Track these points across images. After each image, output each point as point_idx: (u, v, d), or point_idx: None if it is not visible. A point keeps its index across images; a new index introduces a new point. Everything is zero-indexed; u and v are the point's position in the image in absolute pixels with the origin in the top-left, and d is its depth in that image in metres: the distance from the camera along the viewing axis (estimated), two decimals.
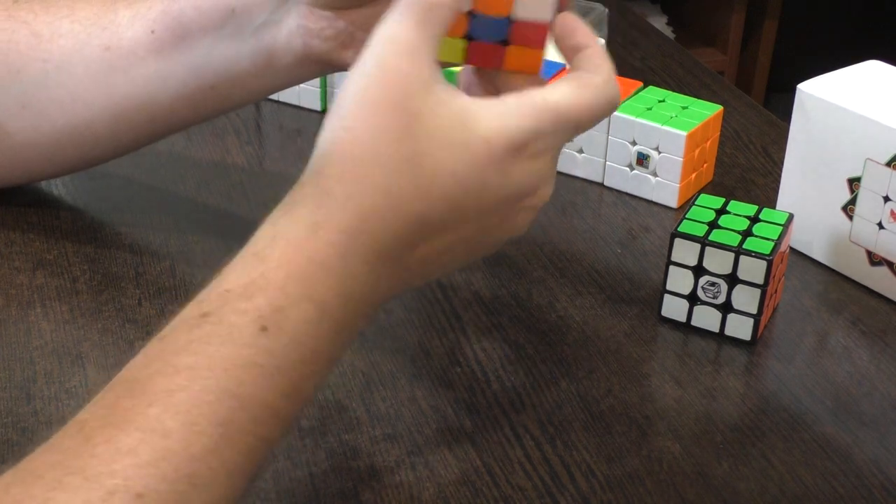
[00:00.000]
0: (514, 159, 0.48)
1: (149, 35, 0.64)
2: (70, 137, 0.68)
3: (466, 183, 0.47)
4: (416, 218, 0.46)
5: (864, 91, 0.69)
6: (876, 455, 0.58)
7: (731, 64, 2.37)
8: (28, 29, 0.66)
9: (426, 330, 0.65)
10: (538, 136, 0.48)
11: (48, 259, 0.68)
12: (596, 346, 0.64)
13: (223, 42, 0.63)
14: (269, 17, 0.61)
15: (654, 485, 0.55)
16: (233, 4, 0.62)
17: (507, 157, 0.47)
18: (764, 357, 0.64)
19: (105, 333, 0.63)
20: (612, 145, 0.79)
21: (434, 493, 0.54)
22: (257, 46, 0.62)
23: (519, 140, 0.48)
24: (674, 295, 0.65)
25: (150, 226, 0.72)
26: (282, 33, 0.61)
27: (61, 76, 0.66)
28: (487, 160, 0.47)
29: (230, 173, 0.80)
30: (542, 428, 0.58)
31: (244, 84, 0.64)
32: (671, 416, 0.59)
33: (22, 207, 0.73)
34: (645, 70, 1.01)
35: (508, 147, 0.47)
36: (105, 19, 0.65)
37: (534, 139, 0.48)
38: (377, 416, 0.58)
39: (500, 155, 0.47)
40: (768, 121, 0.92)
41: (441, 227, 0.47)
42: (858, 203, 0.69)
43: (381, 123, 0.46)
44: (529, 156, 0.48)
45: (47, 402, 0.57)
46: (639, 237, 0.75)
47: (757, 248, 0.63)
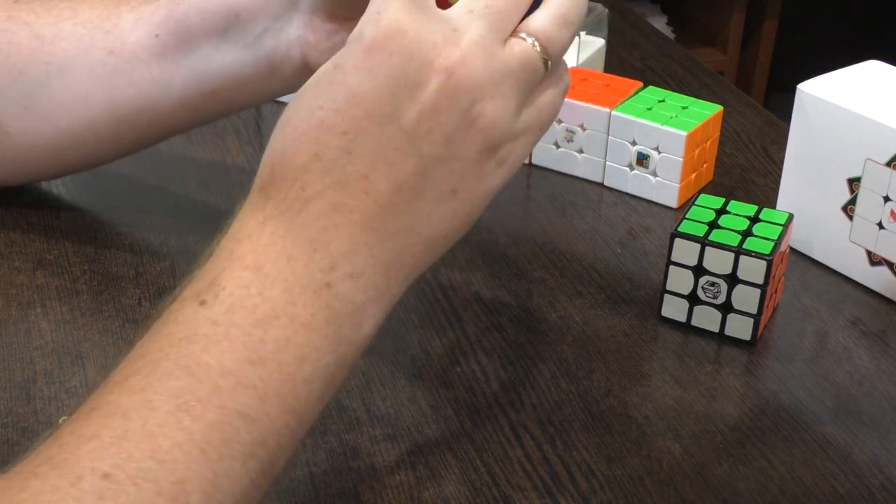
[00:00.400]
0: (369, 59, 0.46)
1: (152, 39, 0.64)
2: (71, 139, 0.68)
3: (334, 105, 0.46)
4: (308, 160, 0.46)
5: (864, 91, 0.69)
6: (876, 455, 0.58)
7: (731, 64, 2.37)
8: (30, 31, 0.67)
9: (426, 330, 0.65)
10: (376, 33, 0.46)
11: (48, 259, 0.68)
12: (596, 346, 0.64)
13: (226, 47, 0.63)
14: (272, 25, 0.62)
15: (654, 485, 0.55)
16: (237, 10, 0.62)
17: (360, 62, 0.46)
18: (764, 357, 0.64)
19: (105, 333, 0.63)
20: (612, 145, 0.79)
21: (434, 493, 0.54)
22: (259, 53, 0.62)
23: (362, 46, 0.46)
24: (674, 295, 0.65)
25: (150, 226, 0.73)
26: (283, 42, 0.62)
27: (63, 79, 0.66)
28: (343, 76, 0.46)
29: (230, 173, 0.80)
30: (542, 428, 0.58)
31: (246, 89, 0.64)
32: (671, 416, 0.59)
33: (22, 207, 0.73)
34: (645, 70, 1.01)
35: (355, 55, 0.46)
36: (108, 22, 0.65)
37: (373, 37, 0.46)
38: (377, 416, 0.58)
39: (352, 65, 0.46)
40: (768, 121, 0.92)
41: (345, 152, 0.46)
42: (858, 203, 0.69)
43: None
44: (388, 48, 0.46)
45: (47, 402, 0.58)
46: (639, 237, 0.75)
47: (757, 248, 0.63)
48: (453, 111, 0.47)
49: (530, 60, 0.49)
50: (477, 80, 0.47)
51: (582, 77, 0.83)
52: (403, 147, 0.47)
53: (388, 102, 0.46)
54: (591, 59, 0.91)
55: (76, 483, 0.40)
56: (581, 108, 0.80)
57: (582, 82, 0.82)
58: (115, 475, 0.40)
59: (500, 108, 0.48)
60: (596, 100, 0.80)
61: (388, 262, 0.47)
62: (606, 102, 0.79)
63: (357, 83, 0.46)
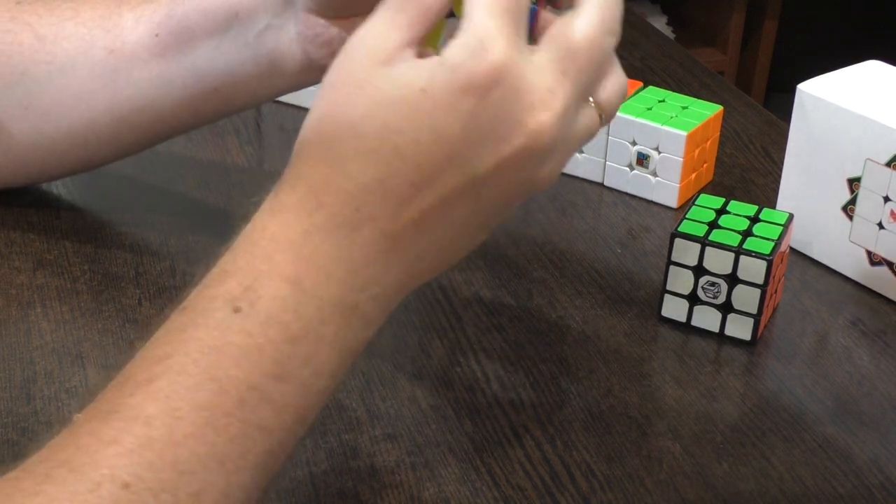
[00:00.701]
0: (465, 99, 0.45)
1: (152, 38, 0.64)
2: (72, 139, 0.68)
3: (419, 137, 0.45)
4: (372, 183, 0.45)
5: (864, 91, 0.69)
6: (876, 455, 0.58)
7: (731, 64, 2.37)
8: (32, 31, 0.67)
9: (426, 330, 0.65)
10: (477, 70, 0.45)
11: (48, 259, 0.68)
12: (596, 346, 0.64)
13: (226, 46, 0.63)
14: (272, 23, 0.62)
15: (654, 485, 0.55)
16: (236, 8, 0.62)
17: (454, 100, 0.45)
18: (764, 357, 0.64)
19: (105, 333, 0.63)
20: (612, 145, 0.79)
21: (434, 493, 0.54)
22: (260, 51, 0.62)
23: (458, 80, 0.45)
24: (674, 295, 0.65)
25: (150, 226, 0.73)
26: (283, 39, 0.62)
27: (64, 78, 0.66)
28: (431, 107, 0.44)
29: (230, 173, 0.80)
30: (542, 428, 0.58)
31: (247, 88, 0.64)
32: (671, 416, 0.59)
33: (22, 207, 0.73)
34: (645, 70, 1.01)
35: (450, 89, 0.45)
36: (109, 22, 0.65)
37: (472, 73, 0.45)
38: (377, 416, 0.58)
39: (444, 99, 0.45)
40: (768, 121, 0.92)
41: (413, 186, 0.45)
42: (858, 203, 0.69)
43: (325, 102, 0.46)
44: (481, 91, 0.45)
45: (47, 402, 0.58)
46: (639, 237, 0.75)
47: (757, 248, 0.63)
48: (525, 168, 0.47)
49: (593, 130, 0.50)
50: (554, 146, 0.47)
51: None
52: (467, 191, 0.46)
53: (470, 149, 0.45)
54: None
55: (95, 490, 0.39)
56: None
57: None
58: (135, 485, 0.40)
59: (556, 168, 0.49)
60: None
61: (406, 283, 0.47)
62: None
63: (446, 123, 0.45)
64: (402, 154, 0.45)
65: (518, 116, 0.45)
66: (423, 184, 0.45)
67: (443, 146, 0.45)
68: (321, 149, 0.46)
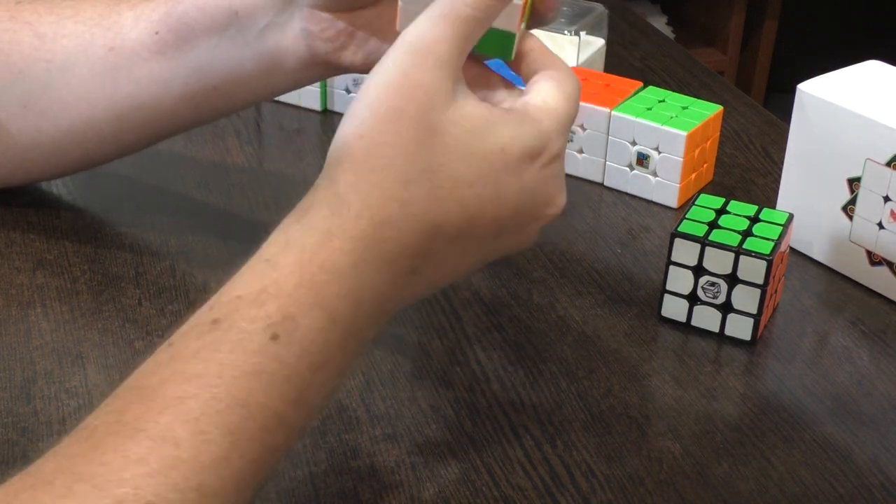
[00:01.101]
0: (529, 166, 0.49)
1: (152, 36, 0.64)
2: (72, 138, 0.68)
3: (482, 192, 0.48)
4: (430, 228, 0.47)
5: (864, 91, 0.69)
6: (876, 455, 0.58)
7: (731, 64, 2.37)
8: (31, 30, 0.66)
9: (426, 330, 0.65)
10: (548, 138, 0.49)
11: (48, 259, 0.68)
12: (596, 346, 0.64)
13: (226, 44, 0.63)
14: (273, 20, 0.61)
15: (654, 485, 0.55)
16: (236, 7, 0.62)
17: (522, 165, 0.48)
18: (764, 357, 0.64)
19: (105, 333, 0.63)
20: (612, 145, 0.79)
21: (434, 493, 0.54)
22: (261, 49, 0.62)
23: (532, 146, 0.49)
24: (674, 295, 0.65)
25: (150, 226, 0.73)
26: (286, 37, 0.61)
27: (64, 77, 0.66)
28: (503, 169, 0.48)
29: (230, 173, 0.80)
30: (542, 428, 0.58)
31: (248, 86, 0.64)
32: (671, 416, 0.59)
33: (22, 207, 0.73)
34: (645, 70, 1.01)
35: (523, 154, 0.48)
36: (109, 20, 0.65)
37: (544, 144, 0.49)
38: (377, 416, 0.58)
39: (515, 163, 0.48)
40: (768, 121, 0.92)
41: (455, 236, 0.48)
42: (858, 203, 0.69)
43: (399, 134, 0.46)
44: (543, 162, 0.49)
45: (47, 402, 0.57)
46: (639, 237, 0.75)
47: (757, 248, 0.63)
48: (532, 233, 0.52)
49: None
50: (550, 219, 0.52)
51: (582, 77, 0.83)
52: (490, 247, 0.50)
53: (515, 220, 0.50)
54: (591, 59, 0.91)
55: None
56: (581, 108, 0.79)
57: (582, 82, 0.82)
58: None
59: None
60: (596, 100, 0.80)
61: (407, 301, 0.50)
62: (606, 102, 0.79)
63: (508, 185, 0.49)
64: (464, 205, 0.47)
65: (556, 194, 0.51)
66: (467, 232, 0.48)
67: (499, 208, 0.49)
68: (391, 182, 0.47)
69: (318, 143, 0.85)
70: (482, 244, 0.50)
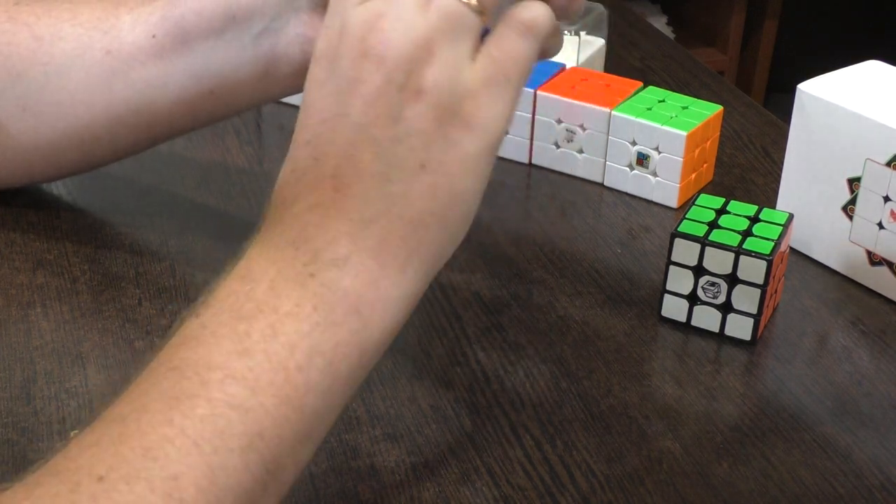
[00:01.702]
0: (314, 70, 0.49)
1: (150, 39, 0.64)
2: (70, 140, 0.68)
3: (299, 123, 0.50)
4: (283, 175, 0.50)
5: (864, 91, 0.69)
6: (876, 455, 0.58)
7: (731, 64, 2.37)
8: (29, 32, 0.67)
9: (426, 330, 0.65)
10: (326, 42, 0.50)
11: (48, 259, 0.68)
12: (596, 346, 0.64)
13: (223, 48, 0.63)
14: (270, 25, 0.62)
15: (654, 485, 0.55)
16: (233, 11, 0.62)
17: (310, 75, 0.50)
18: (764, 357, 0.64)
19: (105, 333, 0.63)
20: (612, 145, 0.79)
21: (434, 493, 0.54)
22: (257, 53, 0.62)
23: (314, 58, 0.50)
24: (674, 295, 0.65)
25: (150, 226, 0.73)
26: (283, 41, 0.62)
27: (62, 80, 0.66)
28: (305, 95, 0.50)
29: (230, 173, 0.80)
30: (542, 428, 0.58)
31: (244, 90, 0.64)
32: (671, 416, 0.59)
33: (22, 207, 0.73)
34: (645, 70, 1.01)
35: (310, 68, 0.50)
36: (106, 23, 0.65)
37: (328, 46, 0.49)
38: (377, 416, 0.58)
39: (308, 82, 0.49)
40: (768, 121, 0.92)
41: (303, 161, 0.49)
42: (858, 203, 0.69)
43: None
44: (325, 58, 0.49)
45: (47, 402, 0.57)
46: (639, 237, 0.75)
47: (757, 248, 0.63)
48: (391, 90, 0.47)
49: (452, 12, 0.48)
50: (402, 52, 0.47)
51: (582, 77, 0.83)
52: (357, 137, 0.47)
53: (334, 102, 0.48)
54: (591, 59, 0.91)
55: (75, 489, 0.40)
56: (581, 108, 0.80)
57: (582, 82, 0.82)
58: (109, 476, 0.40)
59: (439, 71, 0.48)
60: (596, 100, 0.80)
61: (374, 248, 0.47)
62: (606, 102, 0.79)
63: (309, 96, 0.49)
64: (296, 142, 0.49)
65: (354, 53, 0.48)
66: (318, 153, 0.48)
67: (314, 113, 0.49)
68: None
69: None
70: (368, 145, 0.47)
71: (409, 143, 0.47)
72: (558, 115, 0.81)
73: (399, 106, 0.47)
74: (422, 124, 0.47)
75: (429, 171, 0.48)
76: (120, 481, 0.40)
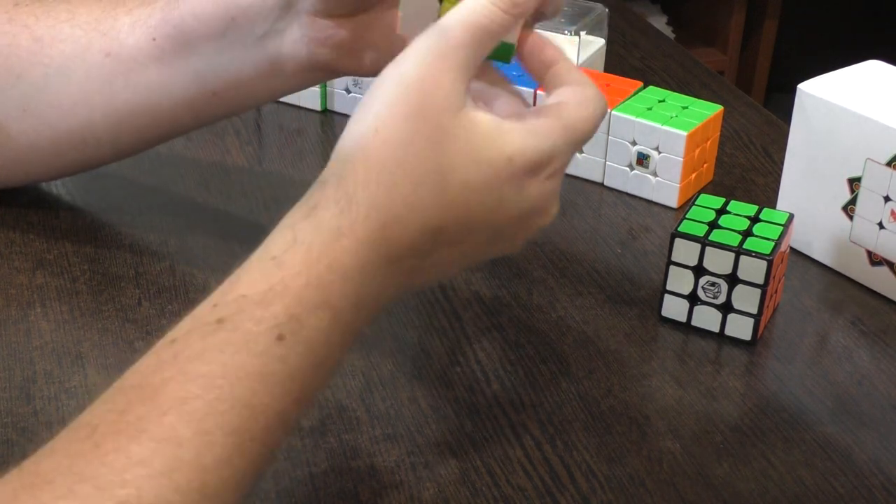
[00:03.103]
0: (531, 178, 0.49)
1: (150, 42, 0.64)
2: (71, 141, 0.68)
3: (486, 199, 0.48)
4: (434, 229, 0.47)
5: (864, 91, 0.69)
6: (876, 455, 0.58)
7: (731, 64, 2.37)
8: (29, 33, 0.66)
9: (426, 330, 0.65)
10: (555, 154, 0.50)
11: (48, 259, 0.68)
12: (596, 346, 0.64)
13: (225, 50, 0.63)
14: (272, 27, 0.61)
15: (654, 485, 0.55)
16: (233, 13, 0.62)
17: (525, 176, 0.49)
18: (764, 357, 0.64)
19: (105, 333, 0.63)
20: (612, 145, 0.79)
21: (434, 493, 0.54)
22: (260, 55, 0.62)
23: (538, 159, 0.49)
24: (674, 295, 0.65)
25: (150, 226, 0.73)
26: (286, 42, 0.61)
27: (62, 81, 0.66)
28: (508, 177, 0.48)
29: (230, 173, 0.80)
30: (542, 428, 0.58)
31: (247, 91, 0.64)
32: (671, 416, 0.59)
33: (22, 207, 0.73)
34: (645, 70, 1.01)
35: (528, 166, 0.49)
36: (105, 25, 0.65)
37: (550, 158, 0.49)
38: (377, 416, 0.58)
39: (520, 173, 0.49)
40: (768, 121, 0.92)
41: (456, 239, 0.48)
42: (858, 203, 0.69)
43: (414, 133, 0.46)
44: (546, 175, 0.50)
45: (47, 402, 0.57)
46: (639, 237, 0.75)
47: (757, 248, 0.63)
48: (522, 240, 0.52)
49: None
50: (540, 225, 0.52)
51: None
52: (483, 251, 0.51)
53: (513, 225, 0.50)
54: (591, 59, 0.91)
55: None
56: None
57: None
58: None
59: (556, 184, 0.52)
60: None
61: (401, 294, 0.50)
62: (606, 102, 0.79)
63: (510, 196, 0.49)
64: (467, 210, 0.48)
65: (551, 205, 0.51)
66: (465, 237, 0.49)
67: (498, 215, 0.49)
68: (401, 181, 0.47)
69: (318, 143, 0.85)
70: (477, 247, 0.50)
71: (487, 258, 0.53)
72: None
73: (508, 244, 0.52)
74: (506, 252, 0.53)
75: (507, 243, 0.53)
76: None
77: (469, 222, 0.48)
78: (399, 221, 0.46)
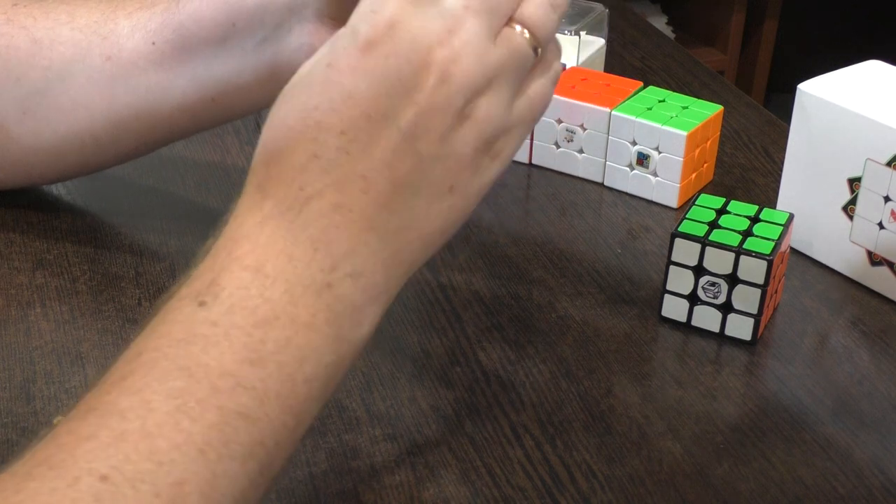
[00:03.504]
0: (366, 59, 0.46)
1: (149, 46, 0.64)
2: (71, 144, 0.68)
3: (331, 105, 0.46)
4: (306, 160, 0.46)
5: (864, 91, 0.69)
6: (876, 455, 0.58)
7: (731, 64, 2.37)
8: (27, 34, 0.66)
9: (426, 330, 0.65)
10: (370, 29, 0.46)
11: (48, 259, 0.68)
12: (596, 346, 0.64)
13: (225, 55, 0.63)
14: (272, 34, 0.61)
15: (655, 485, 0.55)
16: (234, 19, 0.62)
17: (356, 63, 0.46)
18: (764, 357, 0.64)
19: (105, 333, 0.63)
20: (612, 145, 0.79)
21: (434, 493, 0.54)
22: (260, 61, 0.62)
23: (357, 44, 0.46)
24: (674, 295, 0.65)
25: (150, 226, 0.73)
26: (285, 50, 0.61)
27: (62, 84, 0.66)
28: (338, 76, 0.46)
29: (230, 173, 0.80)
30: (542, 428, 0.58)
31: (247, 96, 0.64)
32: (671, 416, 0.59)
33: (22, 207, 0.73)
34: (645, 70, 1.01)
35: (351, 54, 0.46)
36: (105, 28, 0.65)
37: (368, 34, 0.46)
38: (377, 416, 0.58)
39: (348, 65, 0.46)
40: (768, 121, 0.92)
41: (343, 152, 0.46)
42: (859, 203, 0.69)
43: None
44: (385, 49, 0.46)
45: (47, 402, 0.57)
46: (639, 237, 0.75)
47: (757, 248, 0.63)
48: (448, 111, 0.47)
49: (520, 51, 0.49)
50: (471, 79, 0.47)
51: (582, 77, 0.83)
52: (400, 147, 0.47)
53: (384, 103, 0.46)
54: (591, 59, 0.91)
55: (73, 484, 0.39)
56: (581, 108, 0.80)
57: (582, 82, 0.82)
58: (113, 477, 0.40)
59: (493, 104, 0.48)
60: (596, 100, 0.80)
61: (387, 261, 0.47)
62: (606, 102, 0.79)
63: (353, 84, 0.46)
64: (324, 126, 0.46)
65: (420, 60, 0.46)
66: (353, 148, 0.46)
67: (357, 105, 0.46)
68: (262, 151, 0.48)
69: None
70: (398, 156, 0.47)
71: (446, 164, 0.48)
72: (558, 114, 0.81)
73: (449, 127, 0.47)
74: (463, 149, 0.48)
75: (455, 193, 0.48)
76: (125, 483, 0.40)
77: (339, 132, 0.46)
78: (269, 176, 0.47)
